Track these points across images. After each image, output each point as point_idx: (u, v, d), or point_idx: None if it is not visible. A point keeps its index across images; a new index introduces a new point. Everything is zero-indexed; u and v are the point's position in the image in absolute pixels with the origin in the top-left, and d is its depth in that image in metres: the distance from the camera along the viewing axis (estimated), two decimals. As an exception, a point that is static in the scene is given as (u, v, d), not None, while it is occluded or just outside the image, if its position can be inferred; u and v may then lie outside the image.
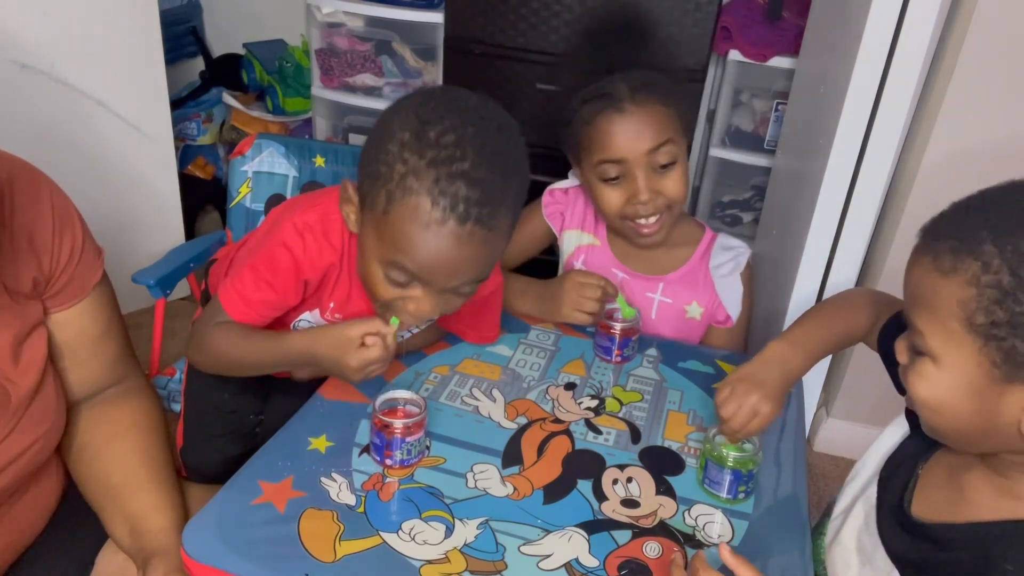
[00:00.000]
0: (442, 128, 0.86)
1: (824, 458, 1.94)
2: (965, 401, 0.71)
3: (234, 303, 1.01)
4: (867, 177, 1.28)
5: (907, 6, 1.17)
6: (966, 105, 1.54)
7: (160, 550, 0.88)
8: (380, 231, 0.90)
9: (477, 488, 0.93)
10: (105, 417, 0.98)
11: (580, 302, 1.21)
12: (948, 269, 0.70)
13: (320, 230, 1.00)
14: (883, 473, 0.88)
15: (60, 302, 0.92)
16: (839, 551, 0.89)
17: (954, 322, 0.70)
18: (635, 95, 1.16)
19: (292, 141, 1.42)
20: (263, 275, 1.00)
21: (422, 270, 0.89)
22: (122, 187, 2.10)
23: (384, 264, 0.91)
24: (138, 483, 0.95)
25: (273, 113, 2.66)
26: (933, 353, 0.72)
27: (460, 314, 1.07)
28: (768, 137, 2.12)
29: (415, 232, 0.86)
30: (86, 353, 0.96)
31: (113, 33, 1.96)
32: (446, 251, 0.87)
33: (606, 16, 1.38)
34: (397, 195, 0.86)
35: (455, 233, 0.86)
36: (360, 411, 1.04)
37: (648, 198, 1.19)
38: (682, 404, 1.12)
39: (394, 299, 0.94)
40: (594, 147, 1.20)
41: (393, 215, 0.87)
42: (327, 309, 1.08)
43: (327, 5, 2.25)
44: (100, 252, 0.99)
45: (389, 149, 0.88)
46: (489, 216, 0.87)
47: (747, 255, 1.32)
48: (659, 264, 1.32)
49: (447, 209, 0.85)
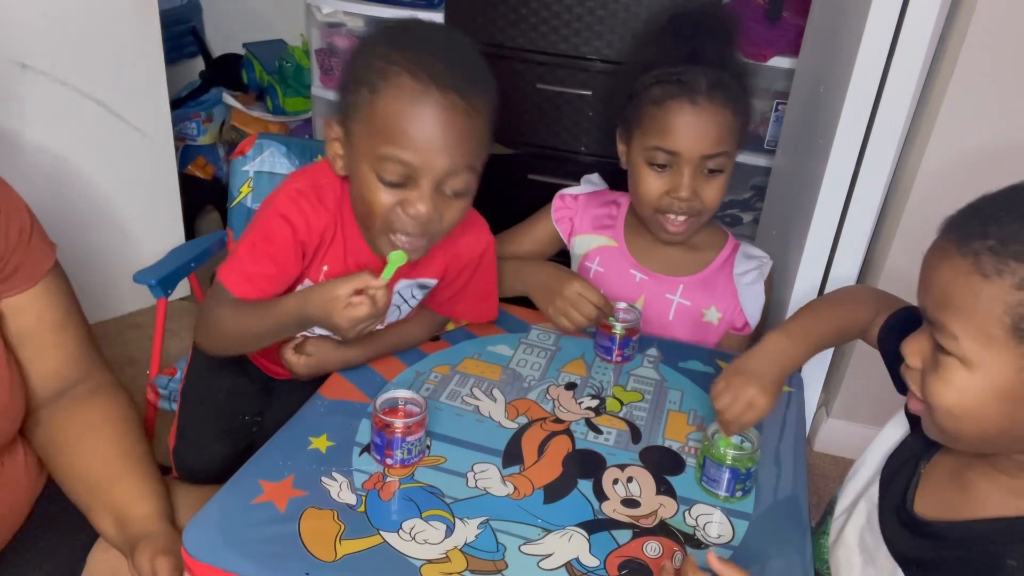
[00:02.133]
0: (410, 36, 0.95)
1: (824, 458, 1.94)
2: (994, 406, 0.69)
3: (235, 280, 1.01)
4: (867, 177, 1.28)
5: (907, 6, 1.17)
6: (966, 105, 1.54)
7: (145, 535, 0.89)
8: (369, 127, 0.93)
9: (477, 488, 0.93)
10: (77, 416, 0.98)
11: (569, 312, 1.19)
12: (991, 271, 0.66)
13: (313, 195, 1.03)
14: (885, 472, 0.88)
15: (12, 286, 0.93)
16: (842, 550, 0.89)
17: (997, 328, 0.67)
18: (712, 92, 1.16)
19: (293, 141, 1.42)
20: (261, 248, 1.01)
21: (413, 149, 0.91)
22: (122, 187, 2.10)
23: (376, 163, 0.93)
24: (117, 474, 0.95)
25: (273, 113, 2.66)
26: (967, 358, 0.69)
27: (456, 286, 1.11)
28: (768, 137, 2.11)
29: (401, 109, 0.91)
30: (48, 342, 0.97)
31: (113, 33, 1.96)
32: (432, 121, 0.91)
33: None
34: (379, 84, 0.92)
35: (438, 102, 0.90)
36: (360, 410, 1.04)
37: (688, 196, 1.20)
38: (682, 404, 1.12)
39: (392, 206, 0.95)
40: (653, 130, 1.19)
41: (379, 102, 0.92)
42: (319, 274, 1.07)
43: (327, 5, 2.25)
44: (53, 245, 1.00)
45: (361, 60, 0.95)
46: (466, 86, 0.91)
47: (770, 265, 1.34)
48: (678, 266, 1.32)
49: (428, 81, 0.90)
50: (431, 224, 0.96)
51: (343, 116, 0.97)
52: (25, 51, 1.82)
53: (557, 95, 1.94)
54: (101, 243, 2.09)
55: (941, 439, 0.78)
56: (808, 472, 1.09)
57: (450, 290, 1.18)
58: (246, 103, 2.68)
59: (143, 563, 0.86)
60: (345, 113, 0.97)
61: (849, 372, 1.85)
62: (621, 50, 1.89)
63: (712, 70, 1.17)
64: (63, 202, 1.98)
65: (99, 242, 2.08)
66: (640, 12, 1.85)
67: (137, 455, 0.98)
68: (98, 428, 0.98)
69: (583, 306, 1.18)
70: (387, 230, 0.98)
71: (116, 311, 2.16)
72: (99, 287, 2.08)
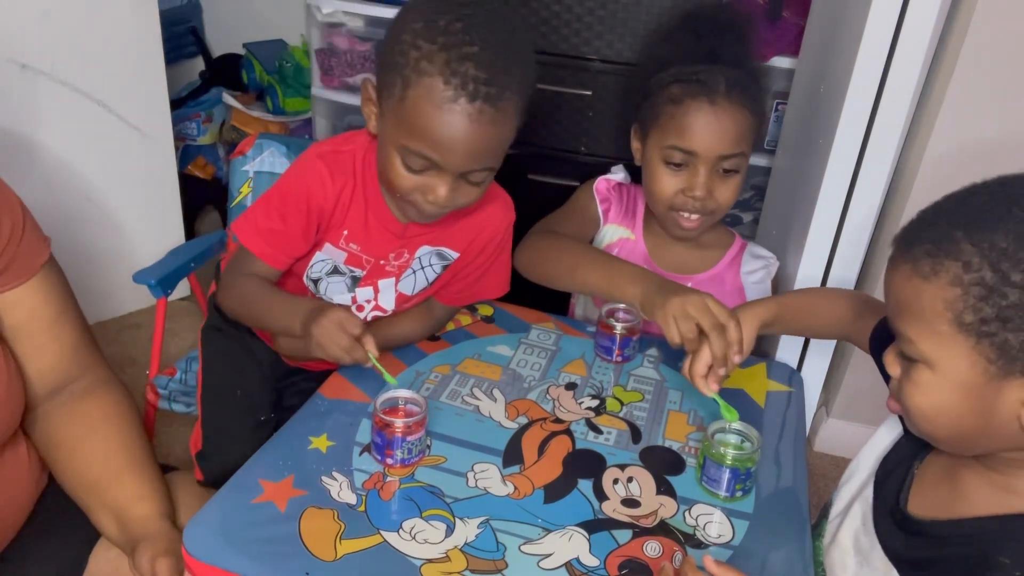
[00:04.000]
0: (451, 17, 0.93)
1: (824, 458, 1.94)
2: (962, 402, 0.71)
3: (245, 230, 1.08)
4: (867, 177, 1.28)
5: (907, 6, 1.16)
6: (966, 105, 1.54)
7: (146, 535, 0.89)
8: (398, 117, 0.96)
9: (478, 487, 0.93)
10: (77, 414, 0.98)
11: (681, 322, 1.03)
12: (928, 272, 0.70)
13: (334, 158, 1.08)
14: (879, 473, 0.89)
15: (6, 281, 0.93)
16: (837, 552, 0.89)
17: (943, 324, 0.70)
18: (730, 92, 1.16)
19: (293, 141, 1.42)
20: (273, 204, 1.07)
21: (437, 149, 0.94)
22: (122, 187, 2.11)
23: (402, 150, 0.97)
24: (117, 474, 0.95)
25: (273, 113, 2.66)
26: (926, 358, 0.72)
27: (480, 263, 1.16)
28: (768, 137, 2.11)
29: (429, 112, 0.93)
30: (44, 336, 0.97)
31: (113, 33, 1.96)
32: (458, 129, 0.93)
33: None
34: (412, 79, 0.93)
35: (466, 111, 0.92)
36: (361, 410, 1.04)
37: (702, 195, 1.20)
38: (683, 404, 1.12)
39: (412, 189, 0.99)
40: (670, 128, 1.19)
41: (409, 99, 0.94)
42: (339, 238, 1.10)
43: (327, 5, 2.24)
44: (46, 239, 1.00)
45: (403, 39, 0.94)
46: (496, 96, 0.93)
47: (776, 266, 1.34)
48: (689, 263, 1.33)
49: (458, 88, 0.91)
50: (448, 207, 1.02)
51: (379, 81, 1.00)
52: (25, 51, 1.82)
53: (557, 95, 1.94)
54: (101, 243, 2.09)
55: (934, 443, 0.80)
56: (808, 472, 1.09)
57: (474, 269, 1.19)
58: (246, 103, 2.67)
59: (144, 564, 0.86)
60: (380, 80, 0.99)
61: (849, 372, 1.85)
62: (621, 50, 1.89)
63: (730, 70, 1.18)
64: (63, 202, 1.98)
65: (99, 242, 2.08)
66: (640, 12, 1.85)
67: (138, 454, 0.98)
68: (98, 426, 0.98)
69: (686, 323, 1.03)
70: (406, 203, 1.03)
71: (116, 311, 2.16)
72: (99, 287, 2.08)
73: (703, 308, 1.02)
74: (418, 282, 1.16)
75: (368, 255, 1.12)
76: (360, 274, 1.13)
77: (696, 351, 1.01)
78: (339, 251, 1.11)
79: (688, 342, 1.03)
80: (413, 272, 1.14)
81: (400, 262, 1.13)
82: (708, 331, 1.00)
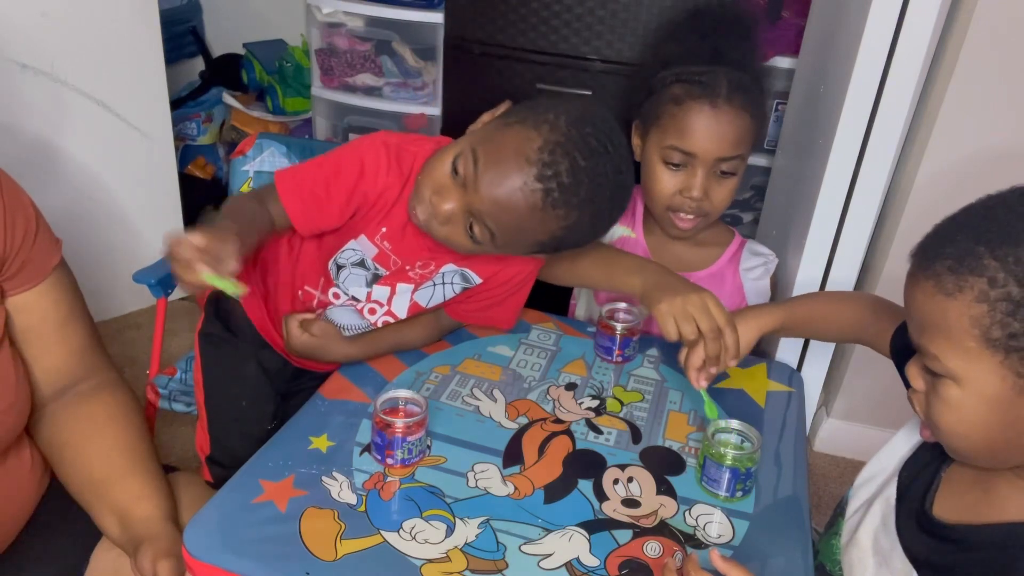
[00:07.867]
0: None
1: (824, 458, 1.94)
2: (992, 416, 0.71)
3: (288, 183, 1.05)
4: (867, 178, 1.28)
5: (907, 6, 1.16)
6: (966, 106, 1.54)
7: (148, 536, 0.89)
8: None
9: (478, 487, 0.93)
10: (82, 413, 0.98)
11: (681, 322, 1.04)
12: (953, 290, 0.70)
13: (396, 151, 1.07)
14: (903, 475, 0.88)
15: (17, 284, 0.93)
16: (855, 551, 0.89)
17: (970, 341, 0.69)
18: (732, 95, 1.17)
19: (293, 141, 1.42)
20: (325, 169, 1.06)
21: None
22: (122, 187, 2.10)
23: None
24: (120, 474, 0.95)
25: (273, 113, 2.66)
26: (953, 374, 0.72)
27: (497, 294, 1.16)
28: (768, 137, 2.11)
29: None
30: (52, 339, 0.97)
31: (113, 33, 1.95)
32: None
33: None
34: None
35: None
36: (361, 410, 1.04)
37: (699, 196, 1.21)
38: (683, 404, 1.12)
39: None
40: (671, 129, 1.19)
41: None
42: (376, 233, 1.09)
43: (327, 5, 2.25)
44: (58, 241, 1.00)
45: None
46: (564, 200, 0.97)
47: (775, 263, 1.34)
48: (688, 262, 1.33)
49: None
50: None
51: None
52: (25, 51, 1.82)
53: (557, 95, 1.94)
54: (101, 243, 2.09)
55: (963, 460, 0.79)
56: (808, 472, 1.09)
57: (490, 296, 1.18)
58: (246, 103, 2.67)
59: (145, 565, 0.86)
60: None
61: (849, 372, 1.85)
62: (621, 50, 1.89)
63: (733, 72, 1.18)
64: (63, 202, 1.98)
65: (99, 242, 2.08)
66: (640, 12, 1.85)
67: (140, 454, 0.98)
68: (102, 426, 0.98)
69: (687, 326, 1.05)
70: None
71: (116, 311, 2.16)
72: (99, 287, 2.07)
73: (703, 309, 1.03)
74: (435, 296, 1.15)
75: (397, 256, 1.11)
76: (383, 273, 1.12)
77: (693, 344, 1.02)
78: (372, 246, 1.10)
79: (687, 341, 1.04)
80: (433, 285, 1.13)
81: (424, 271, 1.12)
82: (705, 334, 1.01)
